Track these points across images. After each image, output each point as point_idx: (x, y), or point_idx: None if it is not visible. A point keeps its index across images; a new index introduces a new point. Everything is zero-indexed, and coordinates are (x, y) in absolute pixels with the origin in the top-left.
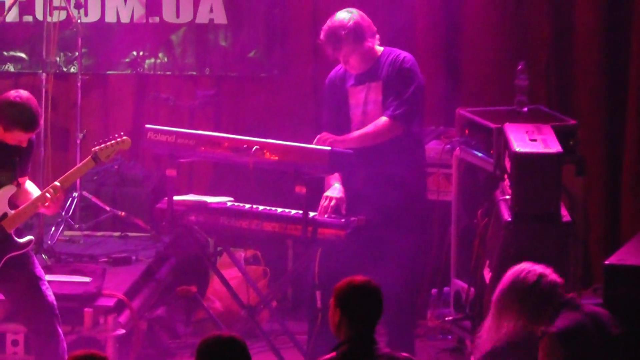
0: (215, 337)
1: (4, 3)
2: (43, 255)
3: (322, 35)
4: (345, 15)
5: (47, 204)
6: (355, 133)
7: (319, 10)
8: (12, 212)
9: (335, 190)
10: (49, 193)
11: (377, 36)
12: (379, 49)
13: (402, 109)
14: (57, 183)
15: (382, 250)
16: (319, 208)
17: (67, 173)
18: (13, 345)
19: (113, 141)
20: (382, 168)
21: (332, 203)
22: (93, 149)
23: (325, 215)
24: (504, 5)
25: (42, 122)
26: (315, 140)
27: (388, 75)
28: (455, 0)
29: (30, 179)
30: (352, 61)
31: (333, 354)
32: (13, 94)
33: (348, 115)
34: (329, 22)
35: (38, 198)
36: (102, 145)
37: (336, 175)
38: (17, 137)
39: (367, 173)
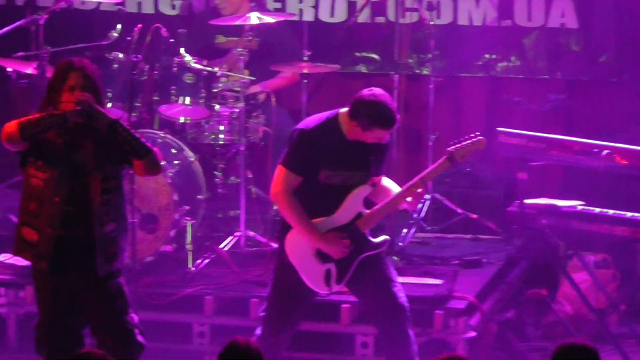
0: (570, 344)
1: (355, 3)
2: (394, 257)
3: None
4: None
5: (409, 198)
6: None
7: None
8: (367, 211)
9: None
10: (410, 189)
11: None
12: None
13: None
14: (417, 179)
15: None
16: None
17: (424, 172)
18: (362, 348)
19: (468, 141)
20: None
21: None
22: (448, 149)
23: None
24: None
25: (398, 117)
26: None
27: None
28: None
29: None
30: None
31: None
32: (367, 92)
33: None
34: None
35: (399, 194)
36: (458, 146)
37: None
38: (376, 136)
39: None
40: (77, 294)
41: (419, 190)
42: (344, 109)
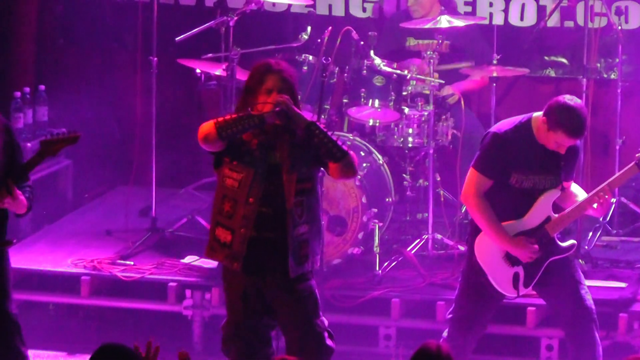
0: None
1: (545, 7)
2: (580, 260)
3: None
4: None
5: (595, 205)
6: None
7: None
8: (556, 215)
9: None
10: (597, 195)
11: None
12: None
13: None
14: (604, 186)
15: None
16: None
17: (611, 178)
18: (547, 350)
19: None
20: None
21: None
22: (637, 155)
23: None
24: None
25: (585, 132)
26: None
27: None
28: None
29: None
30: None
31: None
32: (568, 97)
33: None
34: None
35: (586, 200)
36: None
37: None
38: (558, 140)
39: None
40: (267, 295)
41: (606, 196)
42: (537, 113)
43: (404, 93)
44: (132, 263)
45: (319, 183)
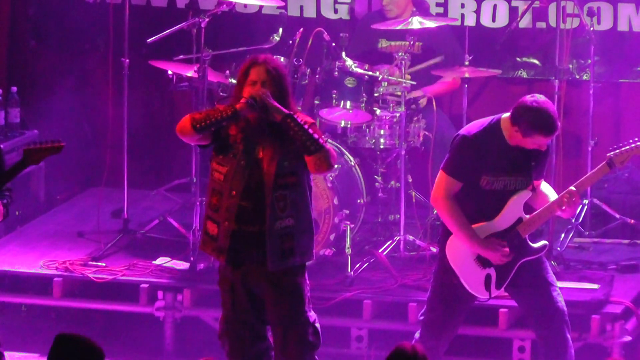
0: None
1: (517, 8)
2: (552, 262)
3: None
4: None
5: (563, 207)
6: None
7: None
8: (527, 217)
9: None
10: (565, 197)
11: None
12: None
13: None
14: (572, 188)
15: None
16: None
17: (582, 178)
18: (519, 352)
19: (628, 147)
20: None
21: None
22: (608, 155)
23: None
24: None
25: (559, 124)
26: None
27: None
28: None
29: None
30: None
31: None
32: (529, 99)
33: None
34: None
35: (554, 202)
36: (617, 151)
37: None
38: (536, 142)
39: None
40: (252, 288)
41: (573, 198)
42: (506, 114)
43: (376, 94)
44: (104, 264)
45: (306, 178)
